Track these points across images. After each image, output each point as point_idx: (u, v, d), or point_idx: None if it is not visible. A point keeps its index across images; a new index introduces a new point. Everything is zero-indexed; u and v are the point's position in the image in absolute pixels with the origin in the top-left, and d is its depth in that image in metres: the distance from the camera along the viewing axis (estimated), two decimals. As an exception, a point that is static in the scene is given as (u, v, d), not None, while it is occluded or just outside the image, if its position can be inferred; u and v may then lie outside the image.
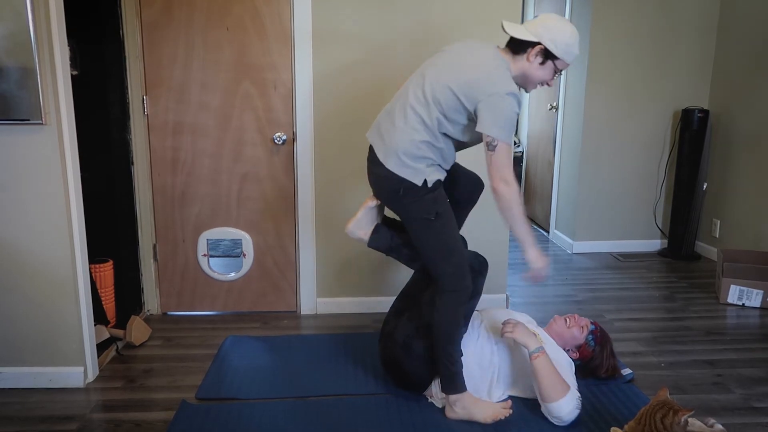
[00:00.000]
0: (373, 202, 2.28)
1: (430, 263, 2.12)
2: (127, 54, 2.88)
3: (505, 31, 2.00)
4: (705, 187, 4.30)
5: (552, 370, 2.09)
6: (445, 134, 2.03)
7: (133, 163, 3.00)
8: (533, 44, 1.97)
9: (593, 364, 2.40)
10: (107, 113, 2.90)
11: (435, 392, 2.28)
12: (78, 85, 2.49)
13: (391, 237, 2.30)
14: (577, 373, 2.46)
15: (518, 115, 1.97)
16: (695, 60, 4.28)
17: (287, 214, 3.13)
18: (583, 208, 4.46)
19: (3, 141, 2.20)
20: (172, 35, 2.91)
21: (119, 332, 2.75)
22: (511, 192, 1.95)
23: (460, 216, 2.38)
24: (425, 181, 2.03)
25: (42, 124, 2.17)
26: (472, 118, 1.99)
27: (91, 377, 2.45)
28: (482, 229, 3.16)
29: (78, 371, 2.39)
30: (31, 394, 2.34)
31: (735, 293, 3.36)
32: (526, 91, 2.12)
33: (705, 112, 4.13)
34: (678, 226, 4.30)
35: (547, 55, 1.98)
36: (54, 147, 2.21)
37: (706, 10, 4.21)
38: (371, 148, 2.14)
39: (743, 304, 3.36)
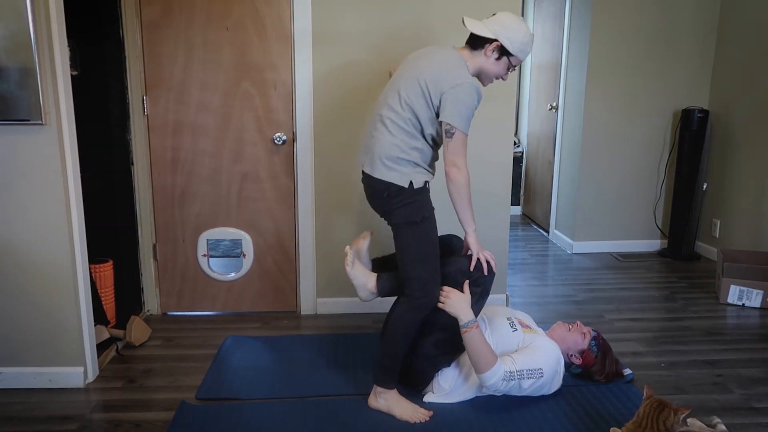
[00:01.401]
0: (349, 257, 2.31)
1: (405, 267, 2.16)
2: (127, 54, 2.88)
3: (466, 26, 2.14)
4: (705, 187, 4.30)
5: (479, 346, 2.11)
6: (421, 133, 2.12)
7: (133, 163, 3.00)
8: (490, 41, 2.11)
9: (593, 370, 2.42)
10: (107, 113, 2.90)
11: (433, 385, 2.30)
12: (78, 85, 2.49)
13: (393, 276, 2.32)
14: (578, 378, 2.47)
15: (477, 107, 2.09)
16: (695, 60, 4.28)
17: (287, 215, 3.13)
18: (583, 208, 4.46)
19: (3, 141, 2.20)
20: (172, 35, 2.91)
21: (119, 332, 2.75)
22: (461, 177, 2.08)
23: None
24: (411, 183, 2.10)
25: (42, 124, 2.17)
26: (438, 112, 2.09)
27: (91, 377, 2.45)
28: (482, 229, 3.15)
29: (78, 371, 2.39)
30: (31, 394, 2.34)
31: (735, 293, 3.36)
32: (483, 86, 2.24)
33: (705, 112, 4.13)
34: (678, 226, 4.30)
35: (503, 51, 2.12)
36: (54, 147, 2.21)
37: (706, 10, 4.21)
38: (363, 171, 2.21)
39: (743, 305, 3.36)
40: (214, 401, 2.29)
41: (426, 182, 2.15)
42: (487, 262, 2.19)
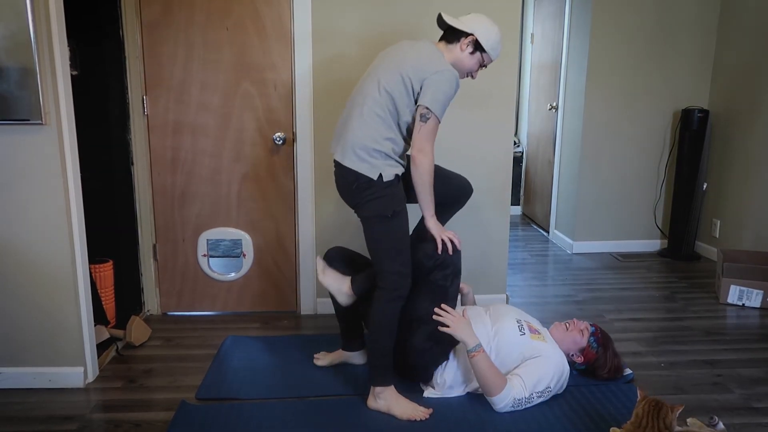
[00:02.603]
0: (320, 266, 2.35)
1: (377, 260, 2.18)
2: (127, 54, 2.88)
3: (444, 20, 2.20)
4: (705, 187, 4.30)
5: (486, 370, 2.14)
6: (397, 122, 2.14)
7: (133, 163, 3.00)
8: (467, 35, 2.17)
9: (596, 365, 2.42)
10: (107, 113, 2.90)
11: (433, 381, 2.32)
12: (78, 85, 2.49)
13: (367, 276, 2.32)
14: (582, 375, 2.47)
15: (453, 97, 2.14)
16: (695, 60, 4.28)
17: (287, 214, 3.13)
18: (583, 208, 4.46)
19: (3, 141, 2.20)
20: (172, 35, 2.91)
21: (119, 332, 2.75)
22: (427, 162, 2.11)
23: (444, 215, 2.46)
24: (380, 175, 2.10)
25: (42, 124, 2.17)
26: (416, 99, 2.11)
27: (91, 377, 2.45)
28: (482, 229, 3.16)
29: (78, 371, 2.39)
30: (31, 394, 2.34)
31: (735, 293, 3.36)
32: None
33: (705, 112, 4.13)
34: (678, 226, 4.30)
35: (477, 46, 2.19)
36: (54, 147, 2.21)
37: (706, 10, 4.21)
38: (335, 160, 2.21)
39: (743, 304, 3.36)
40: (214, 401, 2.29)
41: (396, 176, 2.14)
42: (451, 241, 2.21)
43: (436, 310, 2.19)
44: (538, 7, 5.34)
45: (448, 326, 2.16)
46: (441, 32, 2.27)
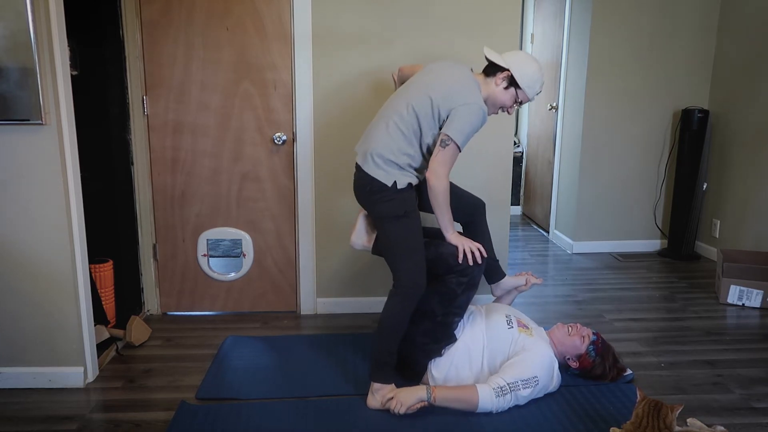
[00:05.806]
0: (365, 212, 2.42)
1: (391, 259, 2.23)
2: (127, 54, 2.88)
3: (485, 56, 2.25)
4: (705, 187, 4.30)
5: (453, 397, 2.15)
6: (420, 141, 2.19)
7: (133, 163, 3.00)
8: (502, 69, 2.22)
9: (595, 374, 2.42)
10: (107, 113, 2.90)
11: (428, 378, 2.34)
12: (78, 85, 2.49)
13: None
14: (580, 378, 2.47)
15: (479, 129, 2.18)
16: (695, 60, 4.28)
17: (287, 214, 3.13)
18: (583, 208, 4.46)
19: (3, 141, 2.20)
20: (172, 35, 2.91)
21: (119, 332, 2.75)
22: (440, 185, 2.15)
23: (483, 233, 2.54)
24: (395, 182, 2.17)
25: (42, 124, 2.17)
26: (442, 126, 2.17)
27: (91, 377, 2.45)
28: (482, 229, 3.16)
29: (78, 371, 2.39)
30: (31, 394, 2.34)
31: (735, 293, 3.36)
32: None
33: (705, 112, 4.13)
34: (678, 226, 4.30)
35: (512, 82, 2.22)
36: (54, 147, 2.21)
37: (706, 10, 4.21)
38: (356, 164, 2.28)
39: (743, 305, 3.36)
40: (214, 401, 2.29)
41: (409, 183, 2.21)
42: (473, 253, 2.24)
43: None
44: (538, 7, 5.34)
45: (398, 411, 2.12)
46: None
